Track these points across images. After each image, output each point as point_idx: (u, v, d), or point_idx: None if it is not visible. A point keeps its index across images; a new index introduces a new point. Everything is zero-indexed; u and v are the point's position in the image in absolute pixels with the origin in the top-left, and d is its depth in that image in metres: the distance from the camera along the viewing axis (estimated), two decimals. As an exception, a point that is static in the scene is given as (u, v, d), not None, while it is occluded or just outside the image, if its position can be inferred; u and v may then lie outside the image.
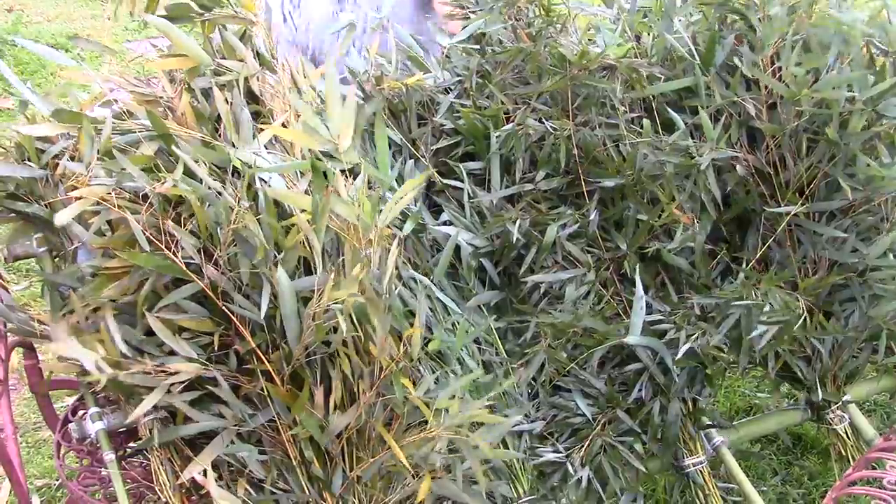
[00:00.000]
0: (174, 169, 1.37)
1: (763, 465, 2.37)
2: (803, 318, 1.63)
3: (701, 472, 1.69)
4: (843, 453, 1.89)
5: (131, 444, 1.53)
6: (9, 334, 1.50)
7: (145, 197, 1.35)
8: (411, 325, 1.46)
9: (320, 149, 1.25)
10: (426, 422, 1.36)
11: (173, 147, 1.39)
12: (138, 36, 5.89)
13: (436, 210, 1.70)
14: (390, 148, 1.72)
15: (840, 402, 1.86)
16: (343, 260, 1.37)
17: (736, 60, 1.65)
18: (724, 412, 2.51)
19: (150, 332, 1.37)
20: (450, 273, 1.62)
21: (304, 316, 1.30)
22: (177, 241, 1.32)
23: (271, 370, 1.34)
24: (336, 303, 1.27)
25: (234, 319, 1.34)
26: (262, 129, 1.49)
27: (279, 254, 1.34)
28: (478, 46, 1.76)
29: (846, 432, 1.88)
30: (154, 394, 1.28)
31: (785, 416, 1.92)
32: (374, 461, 1.35)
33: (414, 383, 1.37)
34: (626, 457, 1.59)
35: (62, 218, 1.29)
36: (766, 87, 1.66)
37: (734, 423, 1.82)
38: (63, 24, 5.99)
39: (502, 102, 1.68)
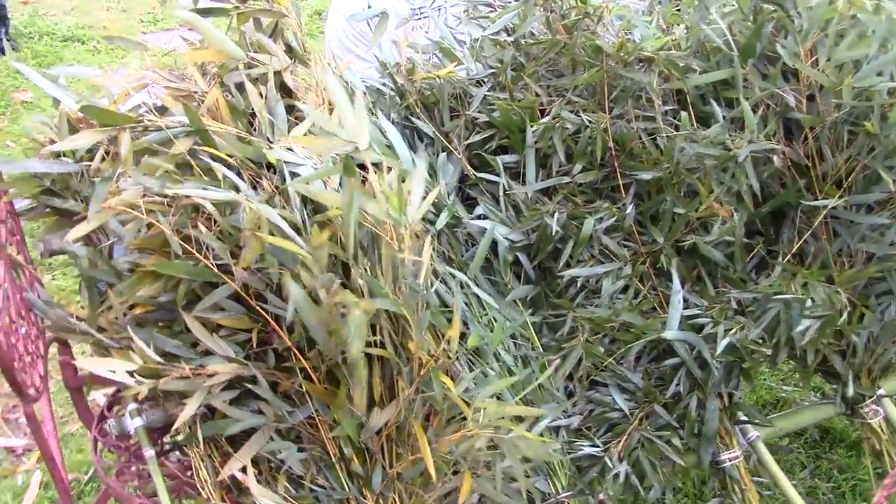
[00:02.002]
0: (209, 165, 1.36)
1: (791, 459, 2.36)
2: (846, 312, 1.61)
3: (737, 466, 1.68)
4: (878, 447, 1.87)
5: (168, 440, 1.52)
6: (46, 331, 1.50)
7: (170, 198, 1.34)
8: (448, 320, 1.45)
9: (340, 152, 1.23)
10: (465, 416, 1.35)
11: (209, 143, 1.38)
12: (153, 28, 5.88)
13: (469, 203, 1.68)
14: (422, 140, 1.71)
15: (875, 396, 1.84)
16: (378, 256, 1.36)
17: (779, 49, 1.62)
18: (752, 405, 2.50)
19: (187, 330, 1.37)
20: (484, 267, 1.61)
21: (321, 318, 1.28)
22: (206, 244, 1.31)
23: (308, 368, 1.34)
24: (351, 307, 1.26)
25: (268, 318, 1.33)
26: (297, 124, 1.48)
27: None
28: (510, 38, 1.74)
29: (881, 427, 1.86)
30: (195, 397, 1.28)
31: (819, 410, 1.91)
32: (413, 459, 1.34)
33: (452, 379, 1.36)
34: (663, 451, 1.58)
35: (78, 233, 1.29)
36: (806, 78, 1.63)
37: (763, 414, 1.81)
38: (79, 16, 5.99)
39: (537, 95, 1.66)
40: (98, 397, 2.29)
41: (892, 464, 1.84)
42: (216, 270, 1.29)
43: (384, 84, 1.79)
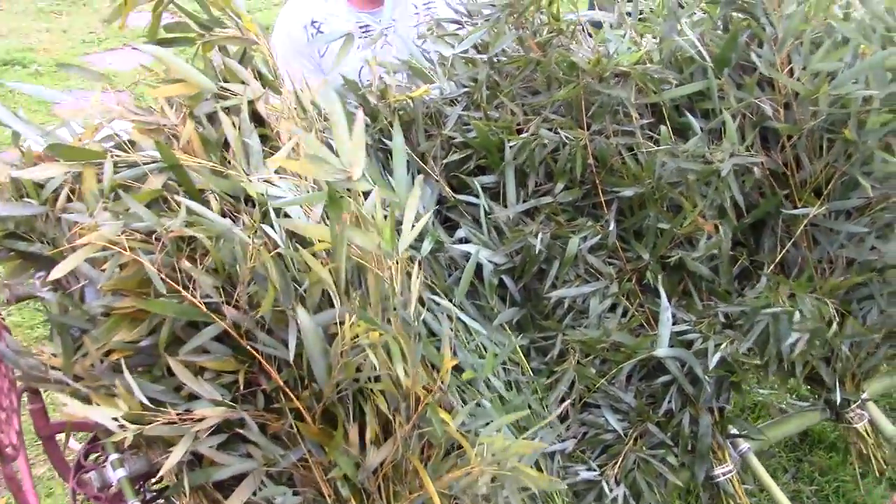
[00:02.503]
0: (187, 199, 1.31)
1: (773, 463, 2.37)
2: (834, 323, 1.61)
3: (731, 480, 1.67)
4: (865, 451, 1.87)
5: (151, 490, 1.46)
6: (17, 382, 1.43)
7: (155, 234, 1.29)
8: (437, 349, 1.42)
9: (331, 179, 1.19)
10: (462, 449, 1.31)
11: (185, 179, 1.33)
12: (96, 48, 5.76)
13: (448, 226, 1.65)
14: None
15: (859, 401, 1.84)
16: (366, 288, 1.32)
17: (754, 59, 1.61)
18: (732, 411, 2.50)
19: (168, 373, 1.32)
20: (469, 291, 1.57)
21: (331, 353, 1.25)
22: (193, 281, 1.26)
23: (301, 408, 1.29)
24: (362, 338, 1.22)
25: (260, 358, 1.28)
26: (271, 153, 1.44)
27: (300, 287, 1.28)
28: (483, 56, 1.72)
29: (866, 430, 1.87)
30: (182, 444, 1.22)
31: (805, 417, 1.90)
32: (413, 497, 1.30)
33: (448, 411, 1.32)
34: (659, 470, 1.56)
35: (60, 270, 1.23)
36: (782, 87, 1.63)
37: (744, 420, 1.80)
38: (17, 38, 5.84)
39: (513, 113, 1.63)
40: (71, 443, 2.20)
41: (879, 467, 1.84)
42: (205, 309, 1.24)
43: (349, 102, 1.75)
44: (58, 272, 1.23)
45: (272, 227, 1.27)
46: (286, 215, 1.32)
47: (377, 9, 2.39)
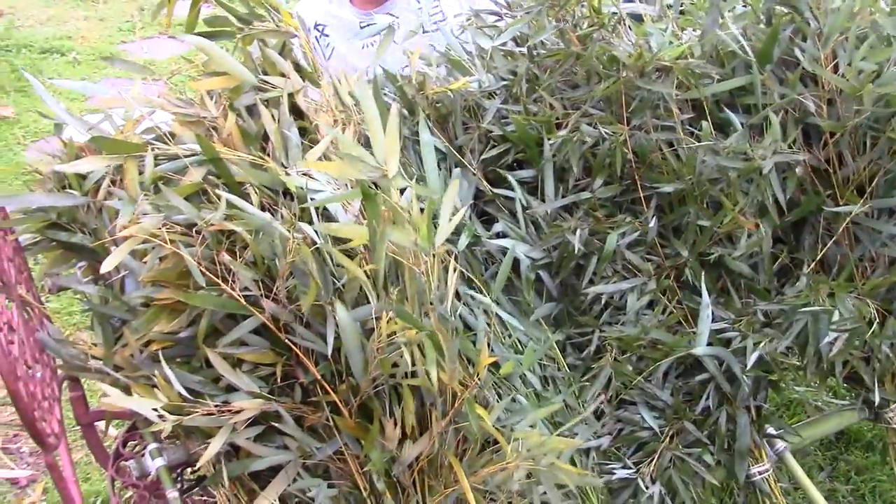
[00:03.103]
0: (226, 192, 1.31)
1: (809, 462, 2.34)
2: (875, 323, 1.59)
3: (767, 480, 1.65)
4: (904, 451, 1.85)
5: (189, 478, 1.48)
6: (58, 370, 1.45)
7: (195, 227, 1.29)
8: (473, 342, 1.42)
9: (366, 177, 1.18)
10: (497, 445, 1.31)
11: (225, 172, 1.34)
12: (133, 37, 5.80)
13: (485, 220, 1.65)
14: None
15: (898, 401, 1.82)
16: (403, 284, 1.32)
17: (798, 54, 1.59)
18: (767, 409, 2.48)
19: (206, 365, 1.33)
20: (505, 286, 1.57)
21: (368, 348, 1.25)
22: (233, 274, 1.27)
23: (338, 401, 1.29)
24: (398, 335, 1.22)
25: (297, 351, 1.29)
26: (310, 146, 1.44)
27: (338, 281, 1.29)
28: (522, 49, 1.71)
29: (905, 431, 1.84)
30: (220, 435, 1.23)
31: (843, 416, 1.88)
32: (448, 492, 1.30)
33: (484, 407, 1.32)
34: (695, 469, 1.55)
35: (109, 264, 1.24)
36: (826, 84, 1.61)
37: (779, 418, 1.78)
38: (56, 26, 5.90)
39: (552, 107, 1.62)
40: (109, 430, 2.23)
41: (918, 468, 1.82)
42: (244, 302, 1.24)
43: (388, 93, 1.75)
44: (107, 265, 1.24)
45: (310, 222, 1.28)
46: (325, 209, 1.33)
47: (378, 8, 2.39)
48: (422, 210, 1.23)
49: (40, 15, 6.08)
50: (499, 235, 1.59)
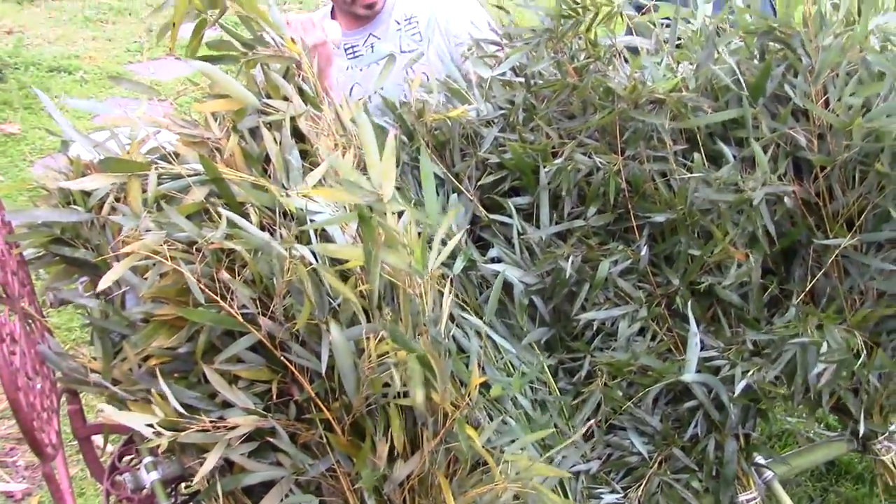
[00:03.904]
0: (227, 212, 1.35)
1: (799, 493, 2.36)
2: (863, 356, 1.61)
3: (754, 508, 1.67)
4: (892, 483, 1.87)
5: (183, 493, 1.50)
6: (58, 383, 1.47)
7: (196, 244, 1.33)
8: (465, 365, 1.44)
9: (362, 201, 1.21)
10: (487, 465, 1.33)
11: (226, 192, 1.37)
12: (140, 57, 5.86)
13: (481, 245, 1.68)
14: (432, 182, 1.69)
15: (887, 433, 1.84)
16: (398, 305, 1.35)
17: (787, 90, 1.63)
18: (758, 439, 2.50)
19: (203, 381, 1.35)
20: (499, 310, 1.60)
21: (360, 367, 1.28)
22: (231, 291, 1.30)
23: (331, 419, 1.32)
24: (389, 356, 1.25)
25: (293, 368, 1.31)
26: (311, 169, 1.47)
27: (334, 301, 1.31)
28: (520, 79, 1.74)
29: (893, 462, 1.86)
30: (215, 450, 1.26)
31: (831, 447, 1.90)
32: (438, 511, 1.32)
33: (475, 428, 1.35)
34: (682, 495, 1.57)
35: (108, 279, 1.28)
36: (816, 118, 1.64)
37: (770, 447, 1.80)
38: (64, 45, 5.96)
39: (548, 136, 1.66)
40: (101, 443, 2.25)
41: (906, 500, 1.83)
42: (241, 320, 1.27)
43: (386, 122, 1.78)
44: (106, 281, 1.27)
45: (309, 242, 1.31)
46: (324, 231, 1.36)
47: (360, 28, 2.43)
48: (419, 234, 1.26)
49: (49, 34, 6.15)
50: (494, 260, 1.62)
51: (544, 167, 1.62)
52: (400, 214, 1.31)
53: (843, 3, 1.64)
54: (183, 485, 1.52)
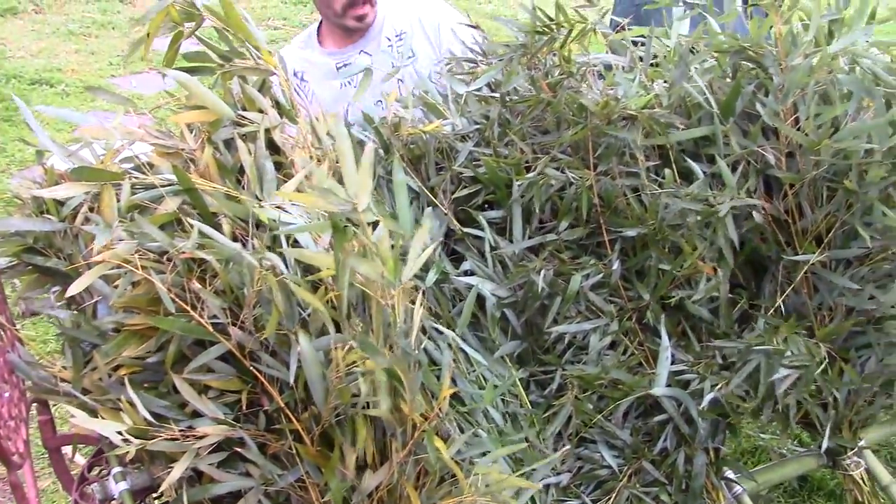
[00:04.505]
0: (199, 222, 1.35)
1: (772, 508, 2.37)
2: (824, 364, 1.63)
3: (724, 522, 1.68)
4: (860, 499, 1.88)
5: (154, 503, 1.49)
6: (27, 392, 1.47)
7: (168, 254, 1.33)
8: (437, 377, 1.45)
9: (337, 210, 1.22)
10: (456, 477, 1.34)
11: (199, 203, 1.38)
12: (123, 71, 5.85)
13: (454, 258, 1.69)
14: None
15: (856, 448, 1.86)
16: (369, 316, 1.35)
17: (759, 108, 1.65)
18: (731, 454, 2.51)
19: (174, 390, 1.35)
20: (471, 323, 1.61)
21: (328, 378, 1.28)
22: (202, 301, 1.30)
23: (300, 429, 1.32)
24: (359, 366, 1.26)
25: (262, 379, 1.32)
26: (285, 180, 1.48)
27: (304, 311, 1.32)
28: (496, 94, 1.76)
29: (862, 478, 1.88)
30: (183, 460, 1.26)
31: (802, 462, 1.92)
32: (406, 522, 1.32)
33: (444, 440, 1.35)
34: (653, 509, 1.58)
35: (77, 287, 1.28)
36: (785, 137, 1.67)
37: (743, 464, 1.82)
38: (46, 58, 5.95)
39: (522, 151, 1.67)
40: (78, 458, 2.24)
41: (874, 516, 1.85)
42: (211, 329, 1.27)
43: (366, 136, 1.80)
44: (75, 288, 1.27)
45: (281, 252, 1.32)
46: (296, 241, 1.36)
47: (351, 45, 2.45)
48: (392, 245, 1.27)
49: (32, 47, 6.14)
50: (467, 273, 1.63)
51: (517, 181, 1.64)
52: (375, 226, 1.32)
53: (813, 24, 1.67)
54: (153, 495, 1.52)
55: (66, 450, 1.85)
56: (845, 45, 1.65)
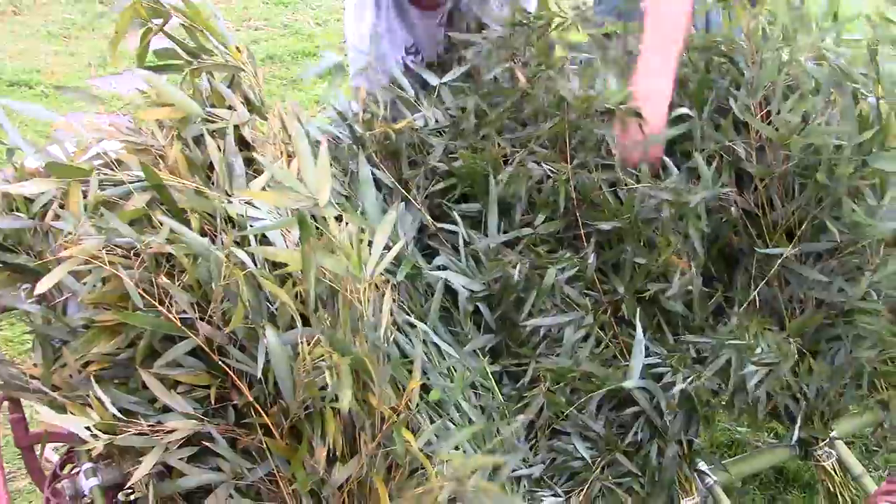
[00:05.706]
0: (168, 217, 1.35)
1: (747, 501, 2.38)
2: (794, 360, 1.64)
3: (697, 513, 1.69)
4: (832, 489, 1.90)
5: (122, 499, 1.49)
6: (-2, 390, 1.46)
7: (136, 251, 1.33)
8: (408, 370, 1.45)
9: (298, 206, 1.22)
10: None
11: (167, 198, 1.38)
12: (103, 72, 5.82)
13: (428, 254, 1.69)
14: (381, 190, 1.71)
15: (828, 439, 1.87)
16: (337, 310, 1.35)
17: (731, 103, 1.66)
18: (706, 447, 2.52)
19: (144, 386, 1.35)
20: (444, 317, 1.61)
21: (295, 371, 1.28)
22: (170, 297, 1.30)
23: (269, 423, 1.32)
24: (325, 359, 1.26)
25: (231, 373, 1.32)
26: (255, 176, 1.48)
27: (272, 305, 1.32)
28: (470, 85, 1.77)
29: (833, 469, 1.89)
30: (152, 454, 1.26)
31: (774, 454, 1.93)
32: (376, 515, 1.32)
33: (414, 432, 1.35)
34: (624, 500, 1.58)
35: (45, 284, 1.28)
36: (756, 131, 1.68)
37: (718, 457, 1.83)
38: (25, 60, 5.90)
39: (499, 144, 1.68)
40: (49, 454, 2.23)
41: (847, 506, 1.86)
42: (179, 324, 1.27)
43: (341, 132, 1.80)
44: (43, 285, 1.27)
45: (249, 247, 1.32)
46: (265, 236, 1.36)
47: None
48: (360, 240, 1.28)
49: (11, 48, 6.09)
50: (440, 268, 1.64)
51: (494, 175, 1.64)
52: (340, 220, 1.32)
53: (780, 19, 1.68)
54: (123, 492, 1.51)
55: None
56: (813, 40, 1.66)
